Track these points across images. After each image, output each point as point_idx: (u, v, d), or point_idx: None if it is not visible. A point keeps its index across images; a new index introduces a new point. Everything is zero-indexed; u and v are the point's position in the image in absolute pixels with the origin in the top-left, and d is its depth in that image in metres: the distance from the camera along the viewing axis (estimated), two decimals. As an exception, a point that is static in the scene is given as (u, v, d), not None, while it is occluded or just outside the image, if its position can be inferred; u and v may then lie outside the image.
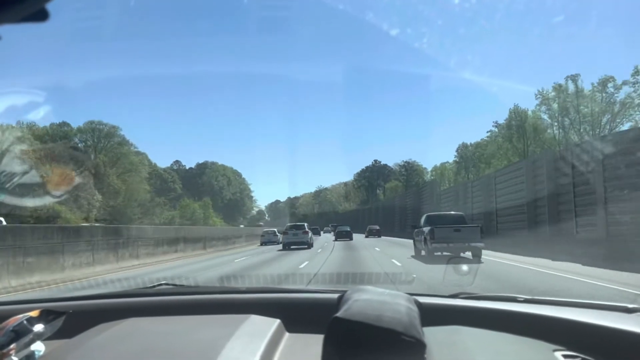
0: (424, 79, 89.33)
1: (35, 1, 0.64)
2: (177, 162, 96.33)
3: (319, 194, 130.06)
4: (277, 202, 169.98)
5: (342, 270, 12.26)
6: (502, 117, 54.94)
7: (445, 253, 14.51)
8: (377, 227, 44.09)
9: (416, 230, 17.92)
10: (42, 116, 48.97)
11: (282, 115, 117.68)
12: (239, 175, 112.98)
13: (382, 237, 40.20)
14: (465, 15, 67.39)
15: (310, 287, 2.06)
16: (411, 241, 20.28)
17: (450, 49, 63.00)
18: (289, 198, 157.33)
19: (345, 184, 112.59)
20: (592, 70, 72.49)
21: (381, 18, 60.02)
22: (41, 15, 0.65)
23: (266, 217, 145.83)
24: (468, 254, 14.97)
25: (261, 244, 31.04)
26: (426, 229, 15.69)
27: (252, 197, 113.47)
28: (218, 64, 76.50)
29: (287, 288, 1.97)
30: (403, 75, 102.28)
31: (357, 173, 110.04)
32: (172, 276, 10.57)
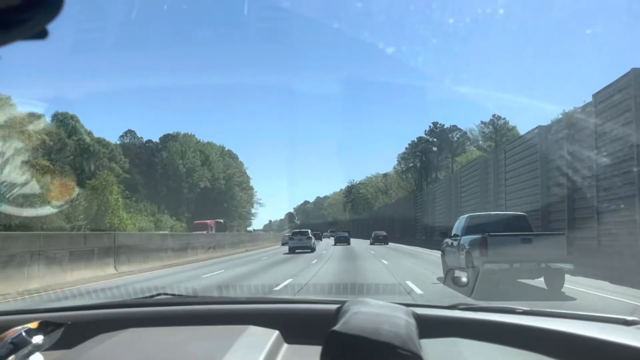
0: (420, 91, 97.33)
1: (37, 23, 0.66)
2: (129, 132, 48.69)
3: (351, 190, 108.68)
4: (306, 202, 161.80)
5: (341, 281, 12.12)
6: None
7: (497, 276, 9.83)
8: (384, 234, 45.63)
9: (447, 240, 12.79)
10: (42, 127, 43.31)
11: (289, 117, 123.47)
12: (234, 157, 68.08)
13: (390, 243, 42.04)
14: (459, 33, 66.91)
15: (309, 298, 2.50)
16: (425, 250, 18.06)
17: (445, 66, 63.21)
18: (317, 197, 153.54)
19: (385, 175, 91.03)
20: (585, 86, 65.24)
21: (376, 37, 59.92)
22: (41, 34, 0.68)
23: (295, 220, 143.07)
24: (539, 281, 10.33)
25: (282, 244, 38.85)
26: (468, 239, 10.73)
27: (251, 188, 67.21)
28: (219, 72, 78.19)
29: (286, 298, 2.22)
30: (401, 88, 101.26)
31: (402, 154, 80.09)
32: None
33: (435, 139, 68.82)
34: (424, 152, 69.87)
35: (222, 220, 52.63)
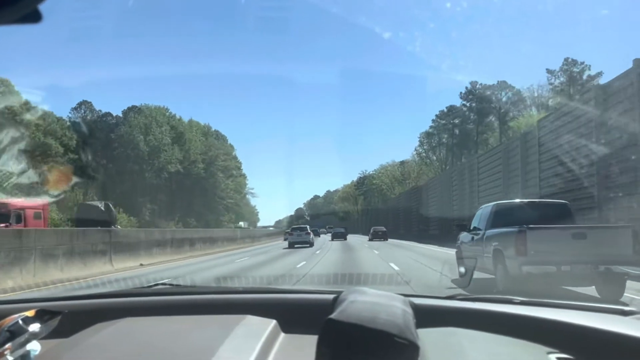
0: (418, 80, 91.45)
1: (28, 3, 0.65)
2: (84, 103, 26.89)
3: (363, 181, 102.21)
4: (316, 197, 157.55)
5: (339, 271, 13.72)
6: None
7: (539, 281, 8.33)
8: (383, 229, 46.14)
9: (465, 234, 11.47)
10: (39, 115, 44.46)
11: (293, 110, 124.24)
12: (222, 138, 47.79)
13: (389, 239, 43.15)
14: (457, 19, 65.12)
15: (307, 288, 2.35)
16: (423, 246, 17.89)
17: (442, 52, 60.00)
18: (327, 191, 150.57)
19: (402, 162, 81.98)
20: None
21: (373, 22, 57.40)
22: (34, 16, 0.66)
23: (305, 216, 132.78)
24: (590, 289, 8.67)
25: (284, 240, 40.22)
26: (498, 233, 9.28)
27: (243, 175, 47.49)
28: (217, 62, 75.18)
29: (283, 288, 2.17)
30: (399, 76, 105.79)
31: (426, 131, 67.98)
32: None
33: (474, 104, 52.36)
34: (458, 124, 53.48)
35: (98, 204, 30.38)
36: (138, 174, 58.39)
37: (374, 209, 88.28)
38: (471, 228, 10.86)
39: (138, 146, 58.03)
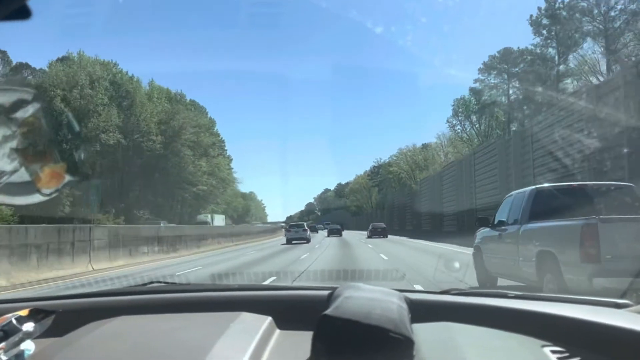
0: (411, 75, 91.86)
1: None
2: None
3: (378, 170, 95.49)
4: (326, 190, 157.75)
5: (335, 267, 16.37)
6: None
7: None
8: (383, 225, 44.36)
9: (486, 231, 9.62)
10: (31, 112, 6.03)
11: (288, 106, 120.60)
12: (199, 109, 23.54)
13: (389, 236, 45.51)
14: (449, 13, 61.26)
15: (301, 284, 2.87)
16: (419, 242, 17.24)
17: (434, 47, 56.80)
18: (338, 184, 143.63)
19: (425, 145, 70.86)
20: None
21: (364, 16, 38.61)
22: (23, 13, 0.64)
23: (316, 211, 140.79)
24: None
25: (284, 236, 43.74)
26: (544, 228, 7.25)
27: (225, 155, 22.31)
28: (209, 59, 68.65)
29: (278, 285, 2.49)
30: (392, 72, 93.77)
31: (462, 97, 54.63)
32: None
33: (552, 32, 34.64)
34: (518, 72, 35.72)
35: None
36: (52, 145, 43.40)
37: (397, 199, 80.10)
38: (495, 222, 8.91)
39: (52, 105, 38.68)
